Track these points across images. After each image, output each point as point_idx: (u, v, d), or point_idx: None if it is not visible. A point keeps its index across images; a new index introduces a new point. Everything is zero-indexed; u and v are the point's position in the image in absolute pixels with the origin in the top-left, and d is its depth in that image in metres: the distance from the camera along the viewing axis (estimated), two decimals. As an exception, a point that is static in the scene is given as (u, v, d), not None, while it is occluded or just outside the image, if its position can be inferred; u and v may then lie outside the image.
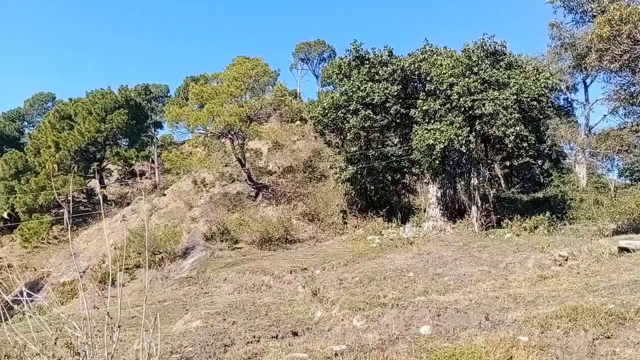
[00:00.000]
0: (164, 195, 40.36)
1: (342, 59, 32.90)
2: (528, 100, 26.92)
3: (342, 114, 30.82)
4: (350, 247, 26.19)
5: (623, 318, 6.86)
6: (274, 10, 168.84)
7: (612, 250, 14.38)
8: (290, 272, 20.58)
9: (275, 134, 39.07)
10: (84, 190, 47.01)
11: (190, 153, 43.83)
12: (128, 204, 43.84)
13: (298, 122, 51.34)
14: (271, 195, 36.04)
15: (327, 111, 31.37)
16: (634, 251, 13.31)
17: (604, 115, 54.42)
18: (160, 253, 26.18)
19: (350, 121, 29.92)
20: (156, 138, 59.14)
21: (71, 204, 41.04)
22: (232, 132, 34.62)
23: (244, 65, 35.67)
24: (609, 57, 18.38)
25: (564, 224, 27.56)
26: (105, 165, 48.26)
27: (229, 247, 27.37)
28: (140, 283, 24.45)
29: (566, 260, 15.56)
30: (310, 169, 40.39)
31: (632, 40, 16.96)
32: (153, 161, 53.91)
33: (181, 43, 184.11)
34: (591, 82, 47.47)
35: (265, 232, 28.28)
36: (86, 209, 45.66)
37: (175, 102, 47.74)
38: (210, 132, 36.04)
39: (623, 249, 13.87)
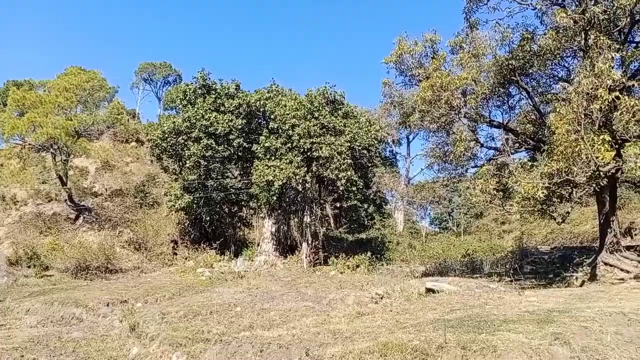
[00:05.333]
0: (-41, 210, 34.40)
1: (187, 85, 32.43)
2: (360, 148, 29.34)
3: (182, 140, 30.07)
4: (178, 280, 25.06)
5: (426, 353, 7.62)
6: (119, 23, 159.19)
7: (420, 291, 15.97)
8: (108, 305, 18.85)
9: (106, 153, 36.28)
10: None
11: (1, 165, 38.36)
12: None
13: (134, 144, 48.45)
14: (94, 220, 33.04)
15: (167, 135, 30.36)
16: (438, 292, 14.99)
17: (422, 169, 61.92)
18: (-55, 278, 22.07)
19: (191, 148, 29.32)
20: (-43, 143, 50.66)
21: None
22: (56, 146, 31.28)
23: (78, 76, 32.86)
24: (429, 118, 20.72)
25: (382, 264, 30.07)
26: None
27: (36, 274, 24.31)
28: None
29: (382, 298, 16.87)
30: (142, 194, 38.13)
31: (449, 106, 19.42)
32: (-51, 169, 45.85)
33: (5, 44, 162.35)
34: (413, 138, 54.01)
35: (82, 260, 25.73)
36: None
37: (-11, 106, 41.73)
38: (29, 144, 32.15)
39: (429, 290, 15.53)
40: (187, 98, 31.50)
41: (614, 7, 15.54)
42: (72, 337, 13.88)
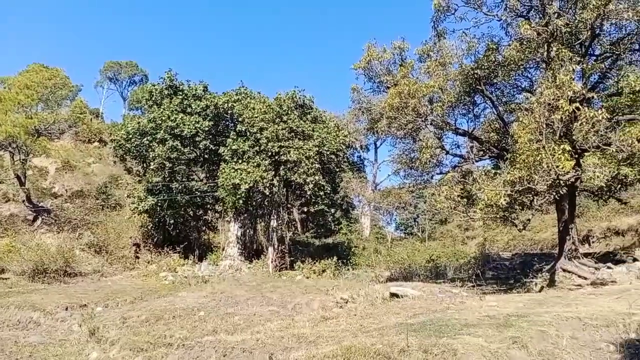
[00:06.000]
0: None
1: (154, 85, 31.82)
2: (328, 153, 29.36)
3: (147, 142, 29.48)
4: (140, 284, 24.47)
5: (389, 357, 7.64)
6: (85, 20, 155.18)
7: (384, 295, 16.08)
8: (66, 309, 18.22)
9: (67, 153, 35.19)
10: None
11: (-45, 163, 36.77)
12: None
13: (96, 144, 47.27)
14: (53, 221, 31.96)
15: (131, 136, 29.70)
16: (402, 297, 15.13)
17: (388, 174, 62.59)
18: None
19: (156, 150, 28.76)
20: None
21: None
22: (14, 145, 30.14)
23: (40, 73, 31.87)
24: (396, 125, 20.93)
25: (348, 269, 30.11)
26: None
27: (-10, 278, 23.30)
28: None
29: (347, 302, 16.89)
30: (104, 196, 37.15)
31: (416, 113, 19.66)
32: None
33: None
34: (381, 144, 54.60)
35: (40, 262, 24.79)
36: None
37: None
38: (-14, 142, 30.86)
39: (393, 295, 15.66)
40: (153, 98, 30.89)
41: (576, 21, 16.07)
42: (29, 342, 13.38)
